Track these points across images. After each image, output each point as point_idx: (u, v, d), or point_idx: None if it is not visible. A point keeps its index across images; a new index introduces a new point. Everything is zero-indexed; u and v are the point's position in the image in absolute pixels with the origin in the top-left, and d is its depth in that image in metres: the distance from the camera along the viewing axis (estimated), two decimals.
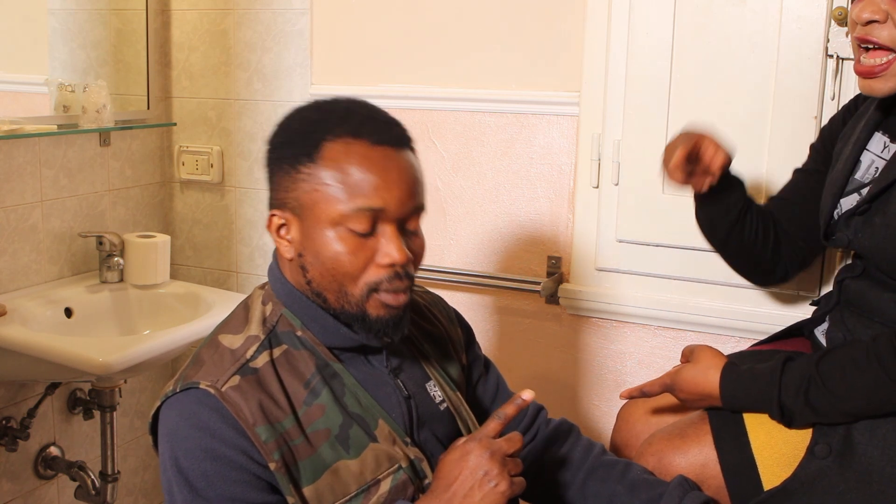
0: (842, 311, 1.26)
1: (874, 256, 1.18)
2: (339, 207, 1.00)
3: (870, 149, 1.24)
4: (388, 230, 1.01)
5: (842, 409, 1.12)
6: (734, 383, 1.20)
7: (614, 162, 1.78)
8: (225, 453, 0.97)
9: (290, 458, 0.99)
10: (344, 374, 1.06)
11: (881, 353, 1.09)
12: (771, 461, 1.17)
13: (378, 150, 1.02)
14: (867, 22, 1.10)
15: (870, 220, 1.17)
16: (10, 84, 1.94)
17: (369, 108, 1.07)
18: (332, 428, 1.03)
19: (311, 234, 1.02)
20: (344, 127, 1.02)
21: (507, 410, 1.03)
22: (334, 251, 1.01)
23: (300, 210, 1.03)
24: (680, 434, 1.25)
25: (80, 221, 2.05)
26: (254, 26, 2.13)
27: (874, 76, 1.12)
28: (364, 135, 1.02)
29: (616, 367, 1.88)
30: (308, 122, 1.05)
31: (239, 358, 1.03)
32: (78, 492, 1.98)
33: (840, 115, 1.37)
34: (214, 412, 0.98)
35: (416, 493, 1.05)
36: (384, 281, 1.02)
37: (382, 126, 1.04)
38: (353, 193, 0.99)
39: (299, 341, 1.06)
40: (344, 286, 1.02)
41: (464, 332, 1.30)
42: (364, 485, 1.02)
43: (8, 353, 1.72)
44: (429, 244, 1.11)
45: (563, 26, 1.83)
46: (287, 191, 1.04)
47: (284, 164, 1.04)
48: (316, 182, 1.01)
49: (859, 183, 1.23)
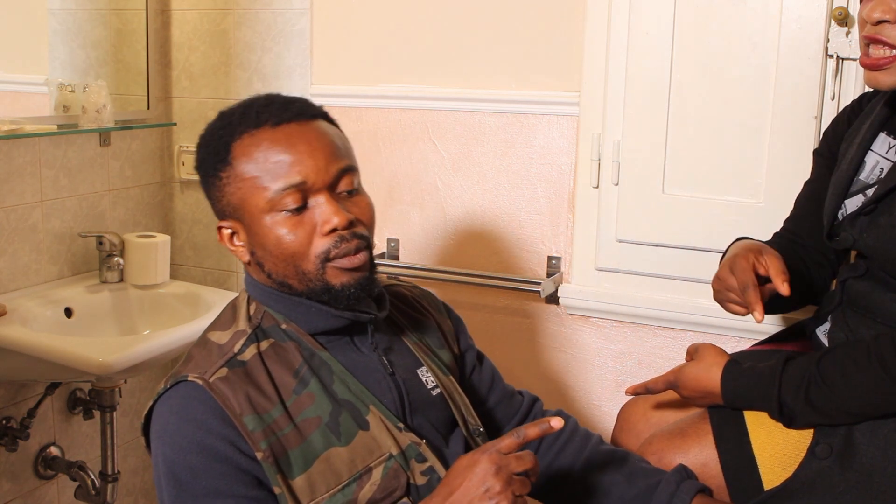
0: (844, 311, 1.26)
1: (879, 257, 1.17)
2: (265, 195, 1.03)
3: (874, 149, 1.23)
4: (320, 199, 1.04)
5: (842, 409, 1.12)
6: (735, 381, 1.20)
7: (614, 162, 1.78)
8: (212, 444, 0.97)
9: (278, 448, 1.00)
10: (331, 361, 1.08)
11: (882, 353, 1.09)
12: (771, 461, 1.17)
13: (282, 129, 1.04)
14: (878, 22, 1.11)
15: (875, 220, 1.17)
16: (10, 84, 1.94)
17: (268, 97, 1.10)
18: (322, 416, 1.03)
19: (254, 229, 1.05)
20: (244, 123, 1.06)
21: (529, 431, 0.99)
22: (276, 236, 1.03)
23: (236, 213, 1.06)
24: (680, 433, 1.25)
25: (80, 221, 2.05)
26: (254, 26, 2.13)
27: (880, 68, 1.13)
28: (263, 122, 1.05)
29: (616, 367, 1.88)
30: (214, 131, 1.09)
31: (227, 352, 1.05)
32: (78, 492, 1.98)
33: (845, 116, 1.36)
34: (202, 403, 0.99)
35: (409, 481, 1.05)
36: (331, 248, 1.03)
37: (280, 107, 1.06)
38: (271, 178, 1.02)
39: (285, 334, 1.08)
40: (298, 266, 1.04)
41: (454, 323, 1.31)
42: (356, 473, 1.03)
43: (8, 353, 1.72)
44: (429, 244, 1.12)
45: (563, 26, 1.83)
46: (219, 200, 1.08)
47: (209, 177, 1.08)
48: (237, 181, 1.05)
49: (864, 184, 1.23)
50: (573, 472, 1.22)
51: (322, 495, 1.01)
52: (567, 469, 1.23)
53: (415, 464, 1.06)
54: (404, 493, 1.05)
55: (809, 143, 1.62)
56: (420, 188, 2.01)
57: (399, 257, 2.04)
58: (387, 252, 2.05)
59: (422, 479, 1.06)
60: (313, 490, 1.01)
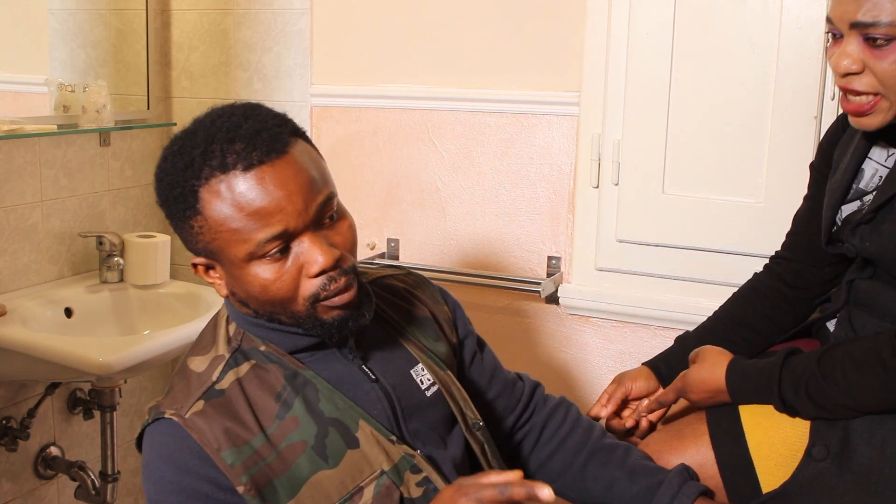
0: (850, 310, 1.26)
1: (885, 263, 1.17)
2: (245, 247, 0.95)
3: (873, 157, 1.23)
4: (304, 240, 0.97)
5: (843, 405, 1.12)
6: (740, 376, 1.20)
7: (614, 162, 1.78)
8: (189, 484, 0.96)
9: (262, 478, 0.97)
10: (316, 379, 1.04)
11: (881, 350, 1.09)
12: (769, 461, 1.17)
13: (252, 173, 0.94)
14: (845, 74, 1.10)
15: (877, 227, 1.17)
16: (10, 84, 1.95)
17: (228, 127, 0.96)
18: (307, 439, 1.00)
19: (234, 273, 0.99)
20: (208, 166, 0.95)
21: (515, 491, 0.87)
22: (260, 284, 0.97)
23: (213, 255, 1.00)
24: (677, 434, 1.25)
25: (80, 221, 2.05)
26: (254, 26, 2.13)
27: (863, 115, 1.12)
28: (231, 166, 0.94)
29: (616, 367, 1.87)
30: (176, 172, 0.97)
31: (205, 381, 1.01)
32: (78, 492, 1.98)
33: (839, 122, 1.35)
34: (178, 442, 0.97)
35: (402, 496, 1.02)
36: (321, 290, 0.98)
37: (246, 146, 0.94)
38: (250, 229, 0.94)
39: (264, 356, 1.04)
40: (287, 307, 0.99)
41: (451, 309, 1.26)
42: (346, 494, 1.00)
43: (8, 353, 1.72)
44: (429, 244, 1.11)
45: (563, 26, 1.83)
46: (193, 242, 1.00)
47: (175, 220, 1.00)
48: (212, 231, 0.96)
49: (862, 191, 1.23)
50: (574, 464, 1.22)
51: None
52: (569, 462, 1.22)
53: (409, 476, 1.04)
54: None
55: (809, 143, 1.61)
56: (420, 188, 2.01)
57: (399, 257, 2.04)
58: (387, 252, 2.05)
59: (417, 490, 1.04)
60: None
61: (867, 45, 1.07)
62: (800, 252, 1.38)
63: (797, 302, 1.39)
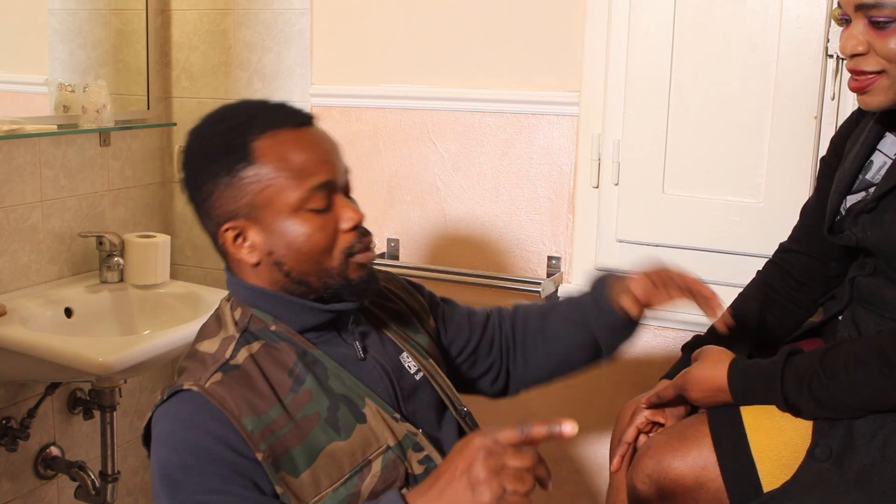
0: (854, 308, 1.26)
1: (885, 253, 1.18)
2: (295, 194, 1.05)
3: (882, 149, 1.24)
4: (338, 199, 1.09)
5: (846, 404, 1.12)
6: (742, 376, 1.20)
7: (614, 162, 1.78)
8: (208, 446, 0.97)
9: (279, 447, 1.00)
10: (324, 358, 1.09)
11: (884, 348, 1.09)
12: (770, 463, 1.17)
13: (300, 131, 1.08)
14: (852, 55, 1.15)
15: (879, 217, 1.18)
16: (10, 84, 1.95)
17: (267, 101, 1.12)
18: (320, 411, 1.04)
19: (276, 229, 1.06)
20: (260, 123, 1.07)
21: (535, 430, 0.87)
22: (305, 234, 1.05)
23: (255, 212, 1.06)
24: (679, 436, 1.25)
25: (80, 221, 2.05)
26: (254, 26, 2.13)
27: (864, 91, 1.17)
28: (281, 123, 1.07)
29: (616, 367, 1.87)
30: (222, 132, 1.08)
31: (219, 359, 1.05)
32: (78, 492, 1.98)
33: (854, 116, 1.37)
34: (200, 408, 0.99)
35: (407, 471, 1.06)
36: (355, 242, 1.08)
37: (291, 111, 1.10)
38: (301, 177, 1.05)
39: (275, 335, 1.09)
40: (322, 263, 1.07)
41: (422, 295, 1.33)
42: (356, 466, 1.04)
43: (8, 353, 1.72)
44: (429, 244, 1.15)
45: (563, 26, 1.83)
46: (235, 200, 1.06)
47: (221, 177, 1.06)
48: (264, 180, 1.05)
49: (868, 182, 1.24)
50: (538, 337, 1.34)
51: (326, 490, 1.02)
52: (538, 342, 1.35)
53: (412, 453, 1.08)
54: (404, 484, 1.06)
55: (809, 143, 1.62)
56: (420, 188, 2.01)
57: (399, 257, 2.04)
58: (387, 252, 2.05)
59: (419, 468, 1.07)
60: (317, 484, 1.01)
61: (872, 26, 1.12)
62: (806, 243, 1.39)
63: (804, 302, 1.40)
